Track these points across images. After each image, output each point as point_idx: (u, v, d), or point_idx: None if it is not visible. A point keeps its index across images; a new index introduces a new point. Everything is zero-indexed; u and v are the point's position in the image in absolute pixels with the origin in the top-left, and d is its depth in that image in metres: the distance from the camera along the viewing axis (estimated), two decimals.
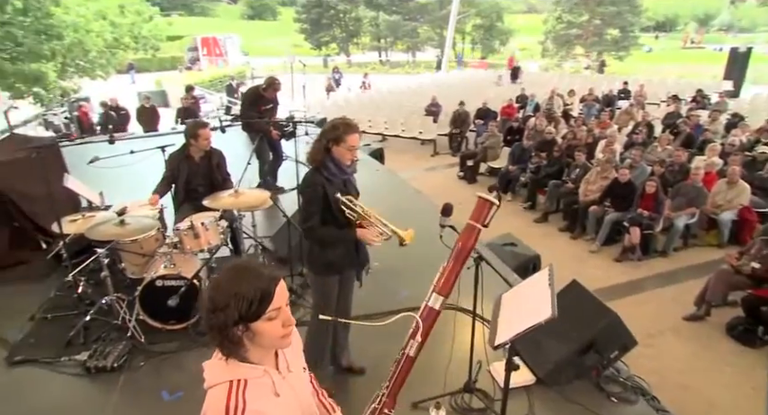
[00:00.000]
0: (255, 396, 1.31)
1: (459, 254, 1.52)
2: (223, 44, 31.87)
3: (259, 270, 1.30)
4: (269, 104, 6.12)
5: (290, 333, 1.34)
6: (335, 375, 3.30)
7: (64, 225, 3.61)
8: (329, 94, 18.48)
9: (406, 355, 1.42)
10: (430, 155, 12.24)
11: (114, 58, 17.38)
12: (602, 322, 3.11)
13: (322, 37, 37.92)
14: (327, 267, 2.85)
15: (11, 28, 11.75)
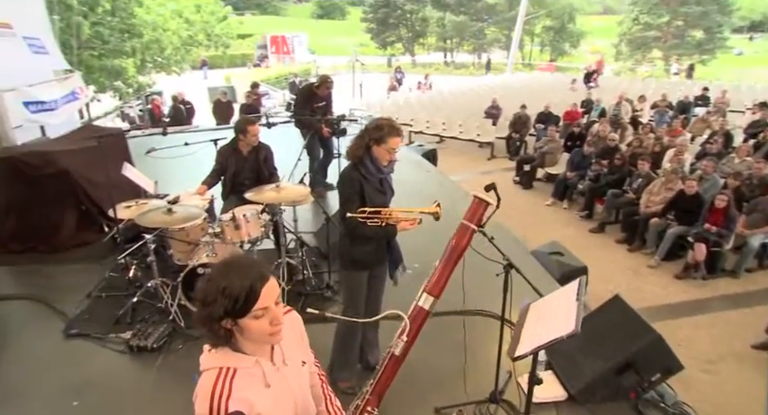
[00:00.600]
0: (243, 385, 1.33)
1: (452, 254, 1.47)
2: (291, 42, 32.80)
3: (249, 268, 1.30)
4: (322, 102, 6.22)
5: (279, 331, 1.34)
6: (362, 372, 3.30)
7: (119, 211, 3.84)
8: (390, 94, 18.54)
9: (391, 354, 1.39)
10: (486, 159, 12.01)
11: (188, 55, 18.32)
12: (643, 340, 2.92)
13: (388, 37, 38.18)
14: (354, 263, 2.86)
15: (100, 27, 12.69)
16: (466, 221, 1.45)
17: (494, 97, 13.48)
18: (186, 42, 17.90)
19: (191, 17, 16.85)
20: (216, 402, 1.28)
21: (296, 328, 1.55)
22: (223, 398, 1.28)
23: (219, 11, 19.17)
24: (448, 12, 37.34)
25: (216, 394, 1.28)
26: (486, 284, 4.01)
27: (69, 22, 11.24)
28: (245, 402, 1.31)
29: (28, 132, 6.65)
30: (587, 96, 14.27)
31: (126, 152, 5.51)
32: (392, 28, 37.97)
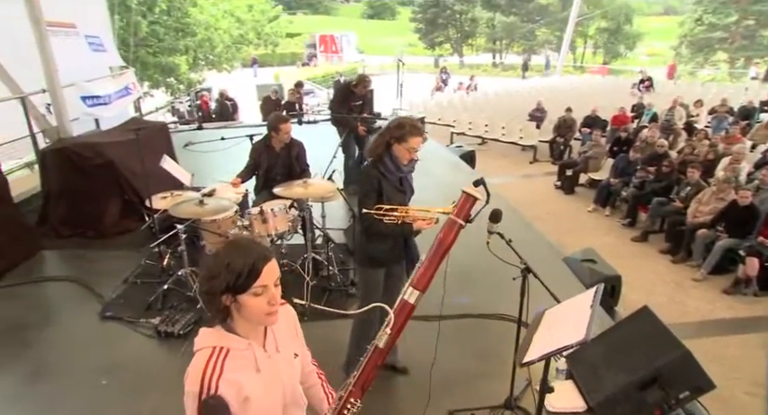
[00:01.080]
0: (234, 367, 1.36)
1: (438, 249, 1.46)
2: (339, 42, 33.22)
3: (253, 248, 1.35)
4: (359, 101, 6.25)
5: (276, 312, 1.37)
6: (379, 371, 3.30)
7: (155, 201, 4.00)
8: (435, 94, 18.45)
9: (375, 346, 1.39)
10: (529, 162, 11.77)
11: (239, 53, 18.86)
12: (670, 355, 2.78)
13: (436, 37, 38.00)
14: (371, 260, 2.87)
15: (156, 26, 13.29)
16: (453, 216, 1.44)
17: (539, 100, 13.18)
18: (237, 41, 18.46)
19: (242, 16, 17.38)
20: (207, 381, 1.31)
21: (290, 321, 1.57)
22: (214, 377, 1.32)
23: (270, 10, 19.64)
24: (498, 12, 36.79)
25: (207, 373, 1.32)
26: (509, 288, 3.98)
27: (128, 21, 11.83)
28: (235, 384, 1.35)
29: (84, 124, 7.05)
30: (639, 100, 13.72)
31: (169, 144, 5.74)
32: (441, 28, 37.75)
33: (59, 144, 5.22)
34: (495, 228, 2.58)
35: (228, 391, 1.34)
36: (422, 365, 3.33)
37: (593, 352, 3.15)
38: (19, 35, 6.01)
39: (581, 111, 12.09)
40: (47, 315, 3.96)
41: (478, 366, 3.21)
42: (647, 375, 2.79)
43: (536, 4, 36.12)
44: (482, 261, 4.66)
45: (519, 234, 5.10)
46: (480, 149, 12.70)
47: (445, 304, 3.95)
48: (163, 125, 6.54)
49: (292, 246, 4.48)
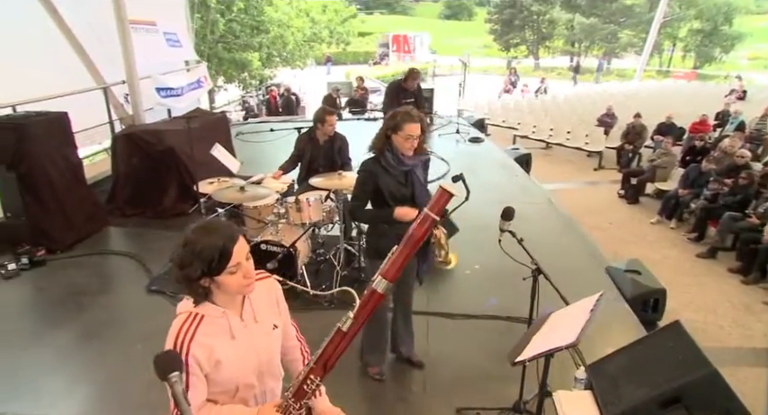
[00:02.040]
0: (208, 332, 1.46)
1: (409, 241, 1.46)
2: (412, 42, 33.35)
3: (220, 230, 1.43)
4: (410, 98, 6.28)
5: (251, 282, 1.46)
6: (395, 363, 3.34)
7: (202, 186, 4.26)
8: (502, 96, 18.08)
9: (338, 328, 1.44)
10: (593, 169, 11.27)
11: (312, 51, 19.44)
12: (696, 374, 2.59)
13: (511, 38, 37.13)
14: (376, 252, 2.90)
15: (233, 24, 14.03)
16: (427, 210, 1.45)
17: (609, 104, 12.56)
18: (310, 39, 19.06)
19: (316, 16, 17.92)
20: (180, 341, 1.43)
21: (272, 293, 1.65)
22: (186, 338, 1.43)
23: (343, 10, 20.09)
24: (578, 13, 35.30)
25: (180, 335, 1.43)
26: (542, 293, 3.90)
27: (207, 19, 12.59)
28: (207, 347, 1.45)
29: (157, 114, 7.62)
30: (724, 107, 12.71)
31: (227, 134, 6.08)
32: (517, 29, 36.83)
33: (128, 130, 5.69)
34: (506, 226, 2.54)
35: (200, 353, 1.44)
36: (438, 360, 3.35)
37: (616, 364, 3.01)
38: (105, 32, 6.58)
39: (657, 118, 11.40)
40: (103, 284, 4.35)
41: (494, 368, 3.15)
42: (669, 393, 2.63)
43: (620, 5, 34.25)
44: (518, 265, 4.58)
45: (563, 239, 4.97)
46: (544, 153, 12.36)
47: (476, 303, 3.96)
48: (222, 115, 6.92)
49: (330, 236, 4.61)
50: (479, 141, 8.76)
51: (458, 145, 8.55)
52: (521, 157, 7.81)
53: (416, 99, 6.42)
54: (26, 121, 4.54)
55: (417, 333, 3.63)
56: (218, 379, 1.50)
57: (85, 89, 6.59)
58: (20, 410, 2.96)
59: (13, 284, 4.36)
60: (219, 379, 1.50)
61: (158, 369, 1.24)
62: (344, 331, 1.43)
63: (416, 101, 6.41)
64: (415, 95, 6.42)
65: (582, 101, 15.69)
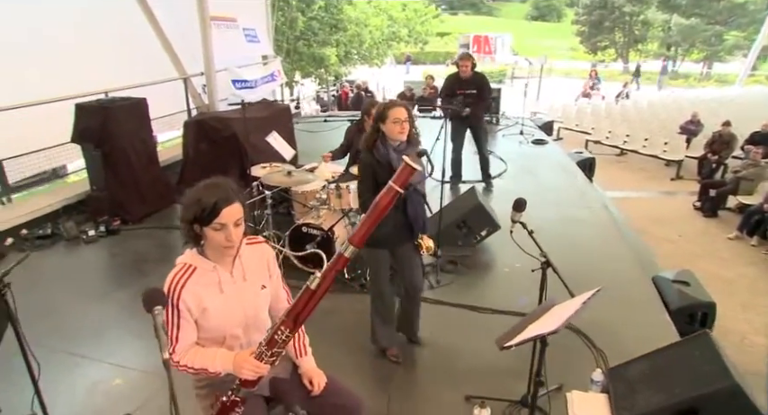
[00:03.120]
0: (199, 282, 1.66)
1: (374, 210, 1.57)
2: (494, 43, 32.69)
3: (221, 190, 1.62)
4: (471, 88, 5.84)
5: (232, 247, 1.64)
6: (407, 345, 3.44)
7: (255, 170, 4.57)
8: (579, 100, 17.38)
9: (307, 287, 1.57)
10: (670, 179, 10.60)
11: (390, 50, 19.73)
12: (715, 385, 2.47)
13: (599, 41, 35.37)
14: (372, 239, 2.97)
15: (313, 22, 14.62)
16: (391, 183, 1.55)
17: (694, 111, 11.71)
18: (388, 37, 19.37)
19: (395, 15, 18.19)
20: (172, 287, 1.63)
21: (264, 258, 1.83)
22: (179, 285, 1.63)
23: (423, 9, 20.21)
24: (676, 14, 32.90)
25: (174, 281, 1.64)
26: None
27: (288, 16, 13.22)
28: (196, 295, 1.65)
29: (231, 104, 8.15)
30: None
31: (289, 124, 6.42)
32: (606, 31, 35.02)
33: (198, 117, 6.18)
34: (517, 217, 2.55)
35: (190, 299, 1.64)
36: (456, 350, 3.39)
37: (637, 370, 2.92)
38: (189, 27, 7.17)
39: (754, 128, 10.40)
40: (164, 254, 4.79)
41: (511, 363, 3.13)
42: (686, 403, 2.53)
43: (728, 3, 31.39)
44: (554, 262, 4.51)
45: (613, 246, 4.81)
46: (617, 160, 11.80)
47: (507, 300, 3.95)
48: (286, 107, 7.29)
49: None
50: (543, 143, 8.55)
51: (520, 147, 8.41)
52: (583, 161, 7.55)
53: (479, 90, 5.85)
54: (111, 105, 5.10)
55: (440, 322, 3.72)
56: (207, 326, 1.69)
57: (168, 79, 7.22)
58: (84, 352, 3.37)
59: (92, 247, 4.94)
60: (207, 326, 1.69)
61: (144, 303, 1.45)
62: (313, 288, 1.57)
63: (479, 92, 5.86)
64: (478, 86, 5.87)
65: (667, 107, 14.73)
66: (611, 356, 3.26)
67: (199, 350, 1.69)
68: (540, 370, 2.25)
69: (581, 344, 3.49)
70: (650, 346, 3.36)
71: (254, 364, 1.61)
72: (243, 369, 1.61)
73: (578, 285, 4.19)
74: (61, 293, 4.14)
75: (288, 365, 1.94)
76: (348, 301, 3.96)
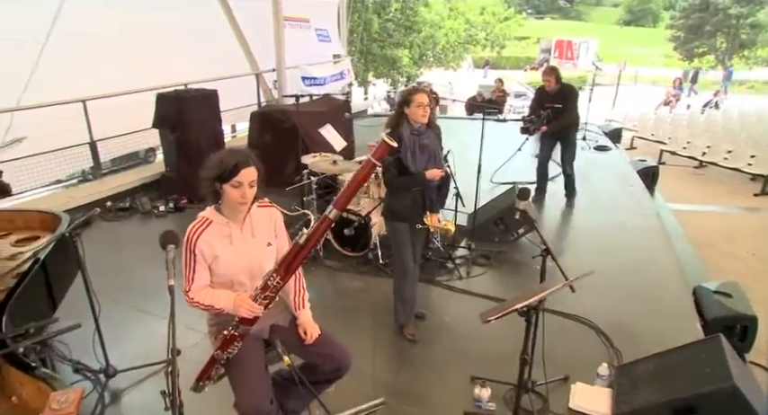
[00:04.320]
0: (213, 234, 1.97)
1: (353, 181, 1.80)
2: (577, 48, 31.65)
3: (241, 154, 1.92)
4: (557, 102, 5.65)
5: (245, 203, 1.93)
6: (428, 330, 3.63)
7: (306, 159, 4.93)
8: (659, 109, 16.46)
9: (296, 242, 1.83)
10: (753, 194, 9.84)
11: (465, 53, 19.74)
12: (714, 386, 2.45)
13: (697, 47, 32.98)
14: (393, 214, 3.24)
15: (388, 23, 15.02)
16: (369, 156, 1.78)
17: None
18: (466, 40, 19.39)
19: (472, 18, 18.16)
20: (190, 235, 1.95)
21: (272, 220, 2.11)
22: (196, 235, 1.95)
23: (502, 12, 20.01)
24: None
25: (192, 230, 1.96)
26: (605, 294, 4.12)
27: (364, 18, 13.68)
28: (209, 244, 1.96)
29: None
30: None
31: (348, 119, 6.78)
32: (706, 36, 32.57)
33: (264, 109, 6.68)
34: (521, 206, 2.67)
35: (204, 247, 1.95)
36: (472, 336, 3.52)
37: (644, 368, 2.93)
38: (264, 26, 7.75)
39: None
40: None
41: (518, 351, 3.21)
42: (683, 401, 2.54)
43: None
44: (574, 261, 4.55)
45: (659, 255, 4.73)
46: (694, 172, 11.13)
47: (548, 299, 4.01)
48: (345, 102, 7.66)
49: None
50: (605, 150, 8.32)
51: (581, 152, 8.22)
52: (646, 170, 7.27)
53: (564, 103, 5.60)
54: (186, 95, 5.70)
55: (462, 310, 3.87)
56: (217, 272, 2.00)
57: (243, 74, 7.84)
58: (142, 306, 3.87)
59: (161, 221, 5.57)
60: (218, 272, 2.00)
61: (160, 242, 1.78)
62: (301, 243, 1.84)
63: (564, 105, 5.61)
64: (563, 98, 5.61)
65: (762, 119, 13.60)
66: (627, 356, 3.25)
67: (209, 290, 2.00)
68: (527, 348, 2.37)
69: (599, 342, 3.51)
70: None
71: (250, 304, 1.90)
72: (240, 308, 1.90)
73: (611, 286, 4.22)
74: (133, 257, 4.72)
75: (288, 315, 2.21)
76: (379, 283, 4.21)
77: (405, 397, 3.00)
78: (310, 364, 2.17)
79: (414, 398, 3.00)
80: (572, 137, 5.93)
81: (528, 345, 2.38)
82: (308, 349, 2.14)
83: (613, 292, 4.16)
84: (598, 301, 4.00)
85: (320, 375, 2.14)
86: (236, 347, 1.99)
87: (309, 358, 2.17)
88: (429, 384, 3.11)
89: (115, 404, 2.96)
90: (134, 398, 2.97)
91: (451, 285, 4.23)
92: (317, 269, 4.48)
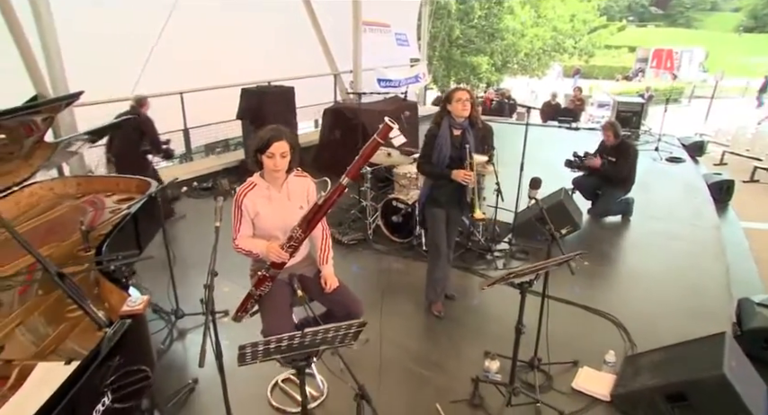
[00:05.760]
0: (256, 194, 2.45)
1: (361, 156, 2.18)
2: (678, 57, 29.73)
3: (275, 131, 2.37)
4: (611, 155, 5.59)
5: (278, 172, 2.39)
6: (453, 309, 3.94)
7: None
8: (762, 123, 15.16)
9: (315, 203, 2.26)
10: None
11: (550, 60, 19.42)
12: (703, 374, 2.56)
13: None
14: (432, 200, 3.53)
15: (470, 30, 15.23)
16: (377, 137, 2.16)
17: None
18: (553, 48, 19.08)
19: (559, 25, 17.81)
20: (238, 195, 2.45)
21: (305, 189, 2.55)
22: (243, 194, 2.44)
23: (593, 20, 19.42)
24: None
25: (240, 191, 2.45)
26: (628, 292, 4.38)
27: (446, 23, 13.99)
28: (252, 202, 2.44)
29: None
30: None
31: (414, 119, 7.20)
32: None
33: (334, 106, 7.25)
34: (533, 194, 2.92)
35: (248, 204, 2.44)
36: (498, 320, 3.77)
37: (649, 358, 3.06)
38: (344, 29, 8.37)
39: None
40: None
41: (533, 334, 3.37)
42: (674, 387, 2.68)
43: None
44: (618, 263, 4.64)
45: (710, 265, 4.70)
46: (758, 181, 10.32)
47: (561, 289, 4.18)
48: (414, 104, 8.03)
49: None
50: (679, 161, 8.04)
51: (652, 163, 8.04)
52: (719, 183, 6.95)
53: (617, 159, 5.48)
54: (266, 91, 6.39)
55: (491, 296, 4.11)
56: (258, 226, 2.48)
57: (322, 74, 8.51)
58: None
59: None
60: (258, 226, 2.48)
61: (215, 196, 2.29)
62: (319, 204, 2.26)
63: (617, 161, 5.48)
64: (617, 155, 5.48)
65: None
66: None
67: (250, 239, 2.49)
68: (521, 319, 2.63)
69: (619, 336, 3.61)
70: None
71: (278, 251, 2.35)
72: (271, 253, 2.37)
73: (650, 287, 4.32)
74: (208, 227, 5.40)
75: (314, 269, 2.65)
76: (418, 267, 4.55)
77: (422, 362, 3.33)
78: (327, 310, 2.61)
79: (430, 364, 3.32)
80: (612, 194, 5.66)
81: (522, 316, 2.63)
82: (327, 297, 2.56)
83: (650, 293, 4.24)
84: (632, 298, 4.15)
85: (334, 319, 2.54)
86: (268, 286, 2.46)
87: (327, 304, 2.59)
88: (446, 355, 3.42)
89: (180, 340, 3.58)
90: (195, 337, 3.57)
91: (487, 274, 4.49)
92: (366, 250, 4.92)
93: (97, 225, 3.07)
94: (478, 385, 2.96)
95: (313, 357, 1.97)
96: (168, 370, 3.28)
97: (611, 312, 3.88)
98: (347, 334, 1.87)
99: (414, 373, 3.24)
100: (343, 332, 1.85)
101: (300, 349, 1.86)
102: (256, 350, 1.77)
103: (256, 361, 1.86)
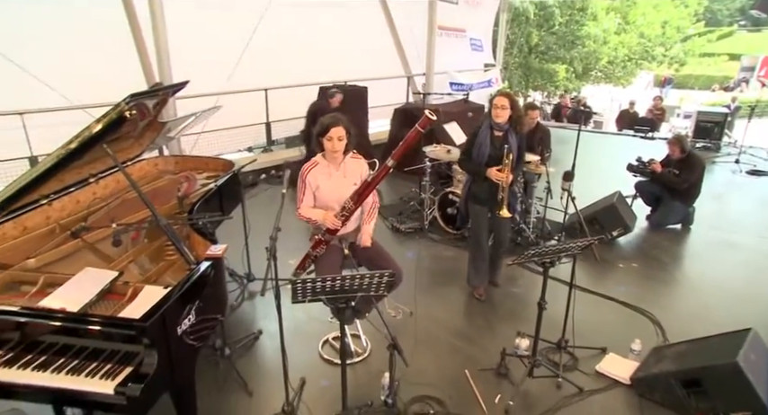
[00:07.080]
0: (318, 171, 2.92)
1: (405, 141, 2.56)
2: None
3: (333, 118, 2.84)
4: (676, 168, 5.57)
5: (336, 153, 2.84)
6: (494, 293, 4.24)
7: (426, 148, 5.75)
8: None
9: (365, 180, 2.67)
10: None
11: (637, 69, 18.72)
12: (717, 361, 2.70)
13: None
14: (474, 197, 3.84)
15: (549, 37, 15.10)
16: (418, 126, 2.53)
17: None
18: (640, 56, 18.39)
19: (647, 32, 17.10)
20: (304, 170, 2.93)
21: (359, 169, 2.98)
22: (307, 170, 2.92)
23: (687, 26, 18.43)
24: None
25: (305, 167, 2.94)
26: (673, 294, 4.52)
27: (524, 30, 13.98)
28: (315, 178, 2.91)
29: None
30: None
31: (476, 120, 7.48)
32: None
33: (404, 106, 7.68)
34: (566, 186, 3.17)
35: (311, 179, 2.91)
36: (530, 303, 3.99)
37: (675, 349, 3.20)
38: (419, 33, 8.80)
39: None
40: None
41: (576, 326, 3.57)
42: (690, 373, 2.83)
43: None
44: (669, 268, 4.72)
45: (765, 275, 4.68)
46: None
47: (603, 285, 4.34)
48: (480, 106, 8.26)
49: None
50: (762, 174, 7.68)
51: (732, 175, 7.74)
52: None
53: (680, 172, 5.47)
54: (341, 89, 6.94)
55: (532, 286, 4.35)
56: (318, 197, 2.95)
57: (396, 75, 8.99)
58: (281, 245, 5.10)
59: None
60: (318, 197, 2.95)
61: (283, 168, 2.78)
62: (369, 181, 2.69)
63: (680, 174, 5.48)
64: (681, 168, 5.47)
65: None
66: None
67: (311, 209, 2.97)
68: (544, 296, 2.90)
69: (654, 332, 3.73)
70: None
71: (333, 218, 2.81)
72: (326, 220, 2.83)
73: (699, 289, 4.39)
74: None
75: None
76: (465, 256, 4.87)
77: (458, 336, 3.67)
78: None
79: (465, 338, 3.66)
80: (672, 206, 5.61)
81: (544, 293, 2.90)
82: (371, 262, 2.98)
83: (695, 298, 4.27)
84: (674, 300, 4.27)
85: None
86: (323, 248, 2.93)
87: (372, 269, 3.01)
88: (481, 331, 3.74)
89: (250, 300, 4.16)
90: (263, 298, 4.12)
91: (529, 265, 4.71)
92: (422, 238, 5.31)
93: (190, 194, 3.69)
94: (505, 358, 3.24)
95: (351, 302, 2.36)
96: (239, 323, 3.85)
97: (651, 311, 3.98)
98: (380, 283, 2.27)
99: (448, 343, 3.60)
100: (376, 281, 2.25)
101: (341, 293, 2.28)
102: (305, 288, 2.21)
103: (306, 300, 2.30)
